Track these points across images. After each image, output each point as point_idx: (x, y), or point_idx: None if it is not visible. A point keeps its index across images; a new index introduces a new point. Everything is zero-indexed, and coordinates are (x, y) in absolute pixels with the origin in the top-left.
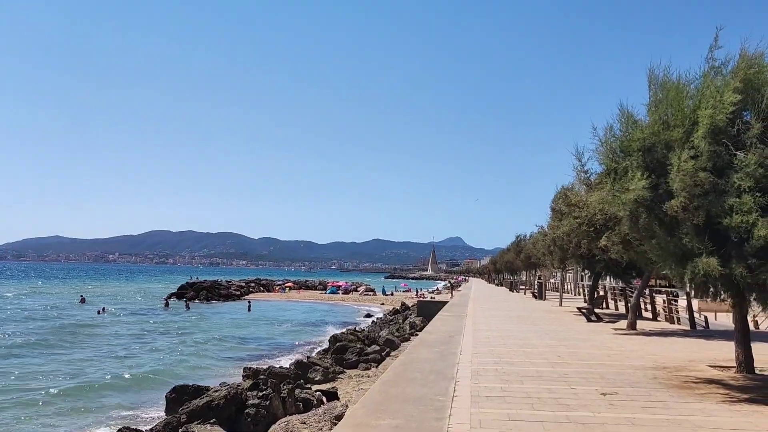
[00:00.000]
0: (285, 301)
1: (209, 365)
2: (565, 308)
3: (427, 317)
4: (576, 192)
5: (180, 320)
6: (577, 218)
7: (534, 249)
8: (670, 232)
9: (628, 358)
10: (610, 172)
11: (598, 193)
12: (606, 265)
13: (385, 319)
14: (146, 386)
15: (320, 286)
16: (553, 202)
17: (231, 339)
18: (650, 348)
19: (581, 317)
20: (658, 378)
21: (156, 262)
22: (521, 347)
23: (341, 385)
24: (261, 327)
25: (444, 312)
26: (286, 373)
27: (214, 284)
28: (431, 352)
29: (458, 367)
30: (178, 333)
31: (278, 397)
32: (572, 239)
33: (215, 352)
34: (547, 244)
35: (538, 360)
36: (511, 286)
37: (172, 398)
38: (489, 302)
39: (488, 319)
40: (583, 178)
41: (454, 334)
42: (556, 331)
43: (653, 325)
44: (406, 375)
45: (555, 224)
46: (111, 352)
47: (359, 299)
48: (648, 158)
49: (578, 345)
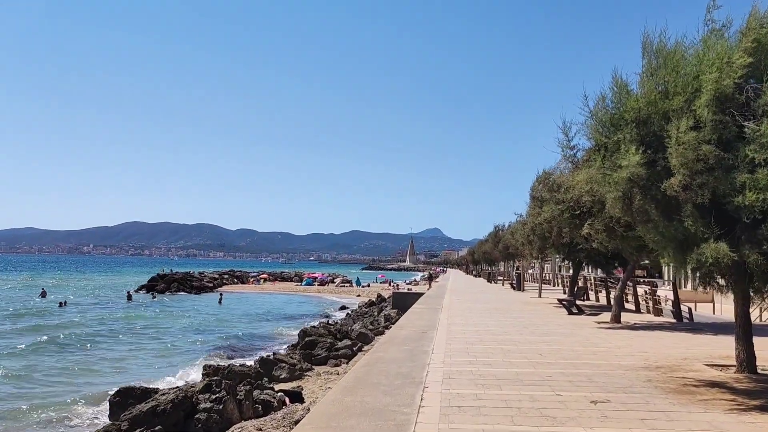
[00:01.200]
0: (259, 293)
1: (166, 363)
2: (545, 300)
3: (402, 309)
4: (560, 174)
5: (141, 313)
6: (559, 204)
7: (512, 239)
8: (669, 215)
9: (617, 356)
10: (600, 147)
11: (586, 171)
12: (588, 254)
13: (360, 312)
14: (94, 386)
15: (296, 277)
16: (533, 189)
17: (195, 333)
18: (638, 344)
19: (562, 309)
20: (653, 380)
21: (132, 253)
22: (499, 344)
23: (308, 384)
24: (230, 320)
25: (419, 305)
26: (246, 371)
27: (185, 276)
28: (400, 351)
29: (429, 368)
30: (128, 326)
31: (233, 399)
32: (553, 227)
33: (175, 347)
34: (526, 233)
35: (517, 359)
36: (489, 277)
37: (116, 402)
38: (466, 294)
39: (465, 312)
40: (569, 155)
41: (427, 329)
42: (536, 324)
43: (637, 318)
44: (368, 379)
45: (535, 212)
46: (62, 347)
47: (335, 291)
48: (643, 131)
49: (561, 341)
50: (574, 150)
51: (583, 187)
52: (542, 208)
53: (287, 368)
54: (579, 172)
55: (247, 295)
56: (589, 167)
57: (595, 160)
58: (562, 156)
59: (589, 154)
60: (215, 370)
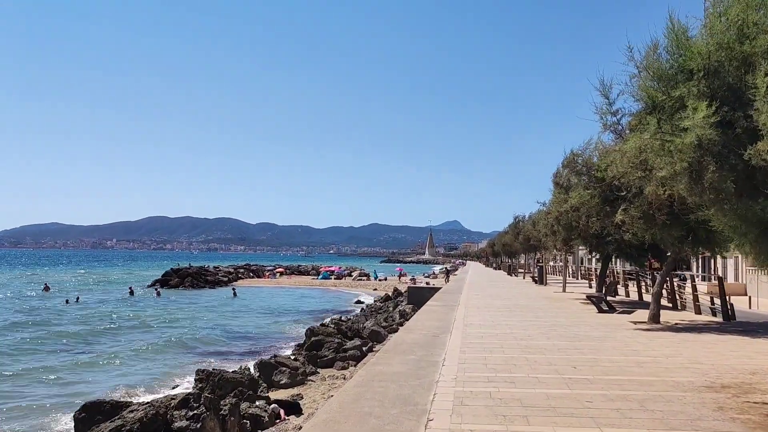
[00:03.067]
0: (274, 288)
1: (160, 366)
2: (570, 295)
3: (418, 305)
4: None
5: (138, 311)
6: (589, 189)
7: (534, 230)
8: (752, 192)
9: (667, 369)
10: (655, 107)
11: (637, 138)
12: (618, 246)
13: (375, 307)
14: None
15: (313, 271)
16: (556, 175)
17: (197, 332)
18: (689, 351)
19: (590, 306)
20: (725, 408)
21: (154, 248)
22: (523, 351)
23: (309, 391)
24: (239, 317)
25: (434, 301)
26: (239, 378)
27: (200, 270)
28: (405, 362)
29: (437, 388)
30: (123, 324)
31: (215, 416)
32: (581, 215)
33: (170, 348)
34: (549, 223)
35: (547, 374)
36: (510, 270)
37: (81, 419)
38: (485, 288)
39: (483, 310)
40: (611, 123)
41: (439, 332)
42: (564, 325)
43: (677, 316)
44: (357, 406)
45: (560, 199)
46: (42, 347)
47: (351, 285)
48: (715, 83)
49: (596, 347)
50: (617, 116)
51: (633, 159)
52: (569, 194)
53: (288, 373)
54: (626, 141)
55: (263, 290)
56: (640, 133)
57: (649, 123)
58: (601, 125)
59: (640, 117)
60: (208, 375)
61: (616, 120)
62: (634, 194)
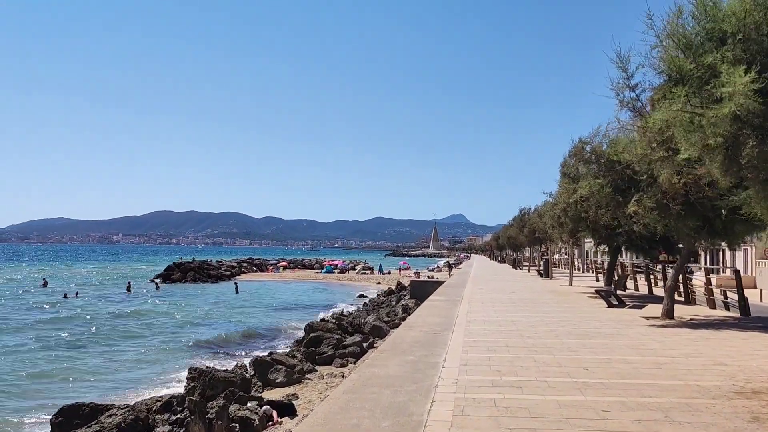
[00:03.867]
0: (277, 282)
1: (153, 364)
2: (576, 288)
3: (421, 299)
4: (602, 142)
5: (137, 306)
6: (599, 178)
7: (540, 222)
8: None
9: (690, 371)
10: (681, 79)
11: (664, 111)
12: (628, 238)
13: (378, 301)
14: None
15: (317, 265)
16: (564, 165)
17: (196, 328)
18: (709, 350)
19: (598, 300)
20: (761, 418)
21: (160, 242)
22: (530, 351)
23: (305, 390)
24: (239, 312)
25: (437, 296)
26: (230, 378)
27: (202, 264)
28: (402, 364)
29: (435, 394)
30: (113, 322)
31: (200, 419)
32: (591, 205)
33: (165, 345)
34: (556, 215)
35: (557, 377)
36: (515, 263)
37: (58, 423)
38: (490, 282)
39: (487, 305)
40: (628, 100)
41: (441, 330)
42: (572, 321)
43: (691, 311)
44: (345, 417)
45: (568, 189)
46: (34, 345)
47: (355, 278)
48: (752, 47)
49: (608, 346)
50: (636, 90)
51: (656, 136)
52: (578, 184)
53: (284, 371)
54: (646, 118)
55: (266, 284)
56: (668, 105)
57: (676, 96)
58: (617, 103)
59: (663, 91)
60: (200, 374)
61: (635, 95)
62: (647, 183)
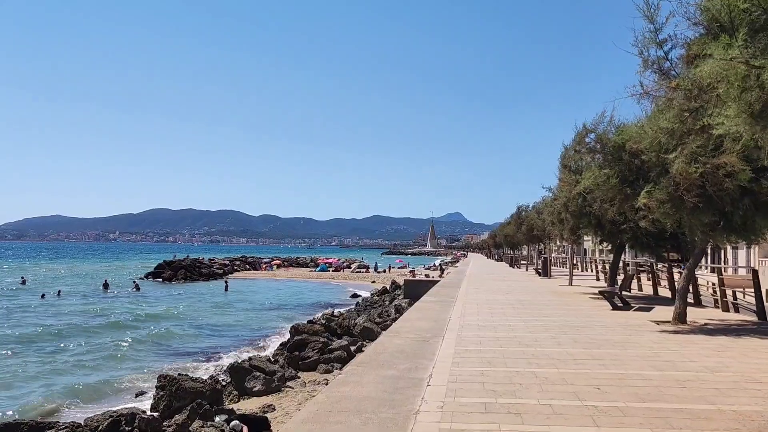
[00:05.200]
0: (270, 280)
1: (121, 371)
2: (577, 288)
3: (414, 299)
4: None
5: (110, 306)
6: (604, 168)
7: (538, 218)
8: None
9: (719, 390)
10: (732, 22)
11: (714, 63)
12: (633, 235)
13: (371, 301)
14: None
15: (311, 263)
16: (563, 157)
17: (175, 329)
18: (736, 363)
19: (601, 302)
20: None
21: (156, 240)
22: (531, 364)
23: (284, 401)
24: (226, 312)
25: (429, 296)
26: (199, 388)
27: (194, 263)
28: (380, 381)
29: (414, 425)
30: (84, 322)
31: None
32: (596, 198)
33: (139, 348)
34: (556, 210)
35: (564, 400)
36: (512, 262)
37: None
38: (486, 281)
39: (482, 307)
40: (654, 58)
41: (429, 336)
42: (576, 326)
43: (703, 315)
44: None
45: (568, 182)
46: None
47: (349, 277)
48: None
49: (620, 357)
50: (664, 47)
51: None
52: (582, 174)
53: (262, 378)
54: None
55: (257, 283)
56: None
57: (724, 45)
58: (641, 63)
59: (700, 45)
60: (170, 382)
61: (662, 54)
62: (658, 173)
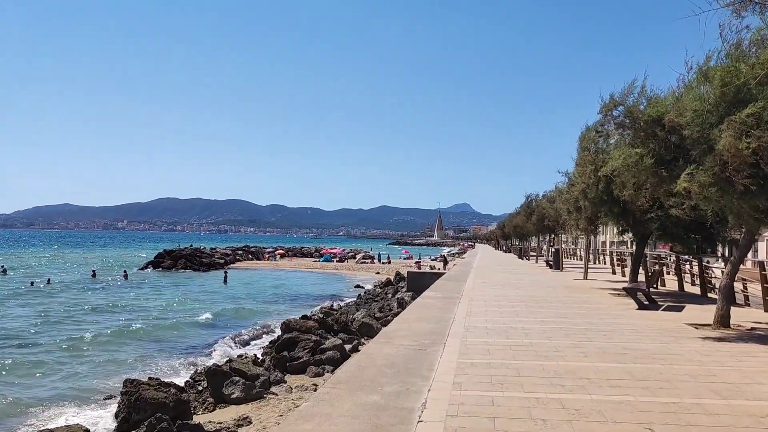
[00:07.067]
0: (272, 270)
1: (93, 371)
2: (592, 283)
3: (418, 292)
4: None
5: (98, 297)
6: (636, 146)
7: (551, 208)
8: None
9: None
10: None
11: None
12: (662, 224)
13: (374, 293)
14: None
15: (316, 253)
16: (582, 139)
17: (160, 323)
18: None
19: (622, 298)
20: None
21: (165, 229)
22: (554, 386)
23: (264, 410)
24: (218, 304)
25: (431, 291)
26: (161, 400)
27: (195, 252)
28: (356, 413)
29: None
30: (63, 314)
31: None
32: (627, 181)
33: (115, 345)
34: (573, 198)
35: None
36: (521, 253)
37: None
38: (494, 274)
39: (491, 305)
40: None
41: (428, 343)
42: (600, 330)
43: (746, 316)
44: None
45: (589, 163)
46: None
47: (354, 268)
48: None
49: (664, 375)
50: None
51: None
52: (610, 154)
53: (242, 384)
54: None
55: (258, 273)
56: None
57: None
58: None
59: None
60: (134, 388)
61: None
62: (702, 152)
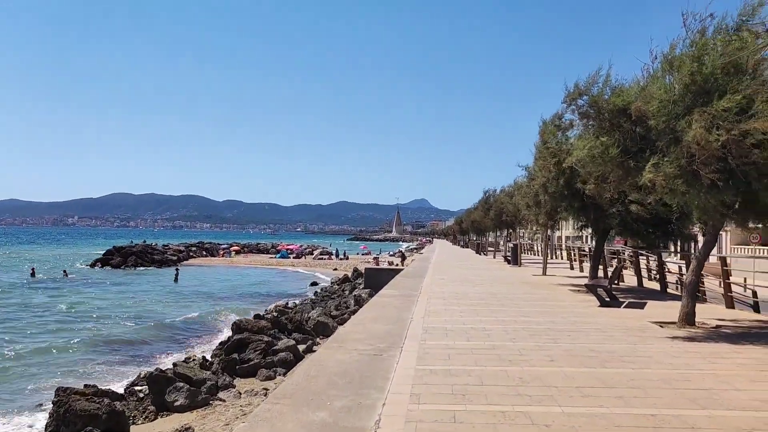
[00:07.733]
0: (226, 268)
1: (19, 378)
2: (552, 279)
3: (376, 289)
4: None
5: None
6: (601, 137)
7: (509, 203)
8: None
9: None
10: None
11: None
12: (622, 220)
13: (330, 290)
14: None
15: (272, 249)
16: (543, 132)
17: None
18: None
19: (583, 295)
20: None
21: (117, 225)
22: (521, 396)
23: (209, 419)
24: (167, 303)
25: (389, 289)
26: (93, 411)
27: (146, 248)
28: (302, 429)
29: None
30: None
31: None
32: (591, 174)
33: (48, 348)
34: (532, 192)
35: None
36: (478, 249)
37: None
38: (453, 269)
39: (450, 303)
40: None
41: (385, 347)
42: (565, 330)
43: (709, 313)
44: None
45: (552, 155)
46: None
47: (311, 264)
48: None
49: (636, 381)
50: None
51: None
52: (575, 144)
53: (186, 390)
54: None
55: (212, 270)
56: None
57: None
58: None
59: None
60: (65, 398)
61: None
62: (668, 142)
